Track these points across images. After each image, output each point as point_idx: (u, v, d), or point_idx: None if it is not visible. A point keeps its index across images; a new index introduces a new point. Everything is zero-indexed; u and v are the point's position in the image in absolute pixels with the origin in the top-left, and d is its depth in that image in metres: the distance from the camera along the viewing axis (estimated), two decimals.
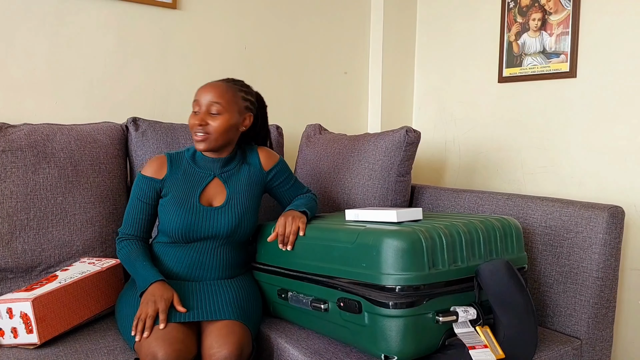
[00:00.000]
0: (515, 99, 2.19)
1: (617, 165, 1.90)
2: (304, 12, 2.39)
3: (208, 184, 1.52)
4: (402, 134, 1.82)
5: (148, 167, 1.52)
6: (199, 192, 1.50)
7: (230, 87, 1.49)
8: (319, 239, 1.37)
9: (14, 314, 1.30)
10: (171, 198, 1.49)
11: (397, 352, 1.19)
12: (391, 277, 1.18)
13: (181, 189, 1.50)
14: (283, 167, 1.63)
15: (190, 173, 1.53)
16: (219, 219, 1.48)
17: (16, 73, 1.81)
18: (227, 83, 1.50)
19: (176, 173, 1.52)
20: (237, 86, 1.51)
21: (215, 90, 1.46)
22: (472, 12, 2.35)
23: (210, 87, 1.47)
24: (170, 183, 1.51)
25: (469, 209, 1.79)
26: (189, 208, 1.47)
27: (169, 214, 1.47)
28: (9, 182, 1.57)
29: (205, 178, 1.52)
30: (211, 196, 1.52)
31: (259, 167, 1.59)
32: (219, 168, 1.54)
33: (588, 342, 1.49)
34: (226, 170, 1.55)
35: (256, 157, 1.60)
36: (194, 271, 1.49)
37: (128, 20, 1.98)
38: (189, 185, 1.51)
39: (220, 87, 1.48)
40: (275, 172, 1.61)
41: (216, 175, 1.54)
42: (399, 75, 2.59)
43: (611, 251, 1.47)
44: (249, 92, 1.55)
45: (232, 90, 1.49)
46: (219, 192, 1.52)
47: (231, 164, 1.56)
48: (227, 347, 1.28)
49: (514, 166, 2.21)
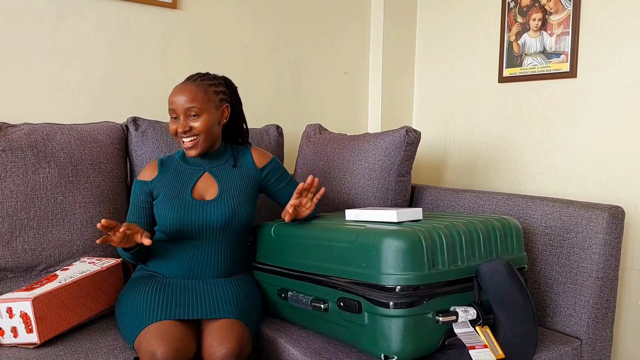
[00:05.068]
0: (515, 99, 2.19)
1: (617, 165, 1.90)
2: (304, 12, 2.39)
3: (199, 179, 1.54)
4: (402, 134, 1.82)
5: (141, 172, 1.58)
6: (191, 187, 1.52)
7: (201, 86, 1.49)
8: (319, 238, 1.37)
9: (13, 314, 1.30)
10: (164, 195, 1.51)
11: (397, 352, 1.20)
12: (391, 277, 1.18)
13: (173, 186, 1.53)
14: (276, 165, 1.63)
15: (181, 171, 1.56)
16: (212, 212, 1.49)
17: (16, 73, 1.81)
18: (195, 83, 1.50)
19: (166, 173, 1.55)
20: (206, 82, 1.51)
21: (188, 94, 1.46)
22: (472, 12, 2.35)
23: (182, 91, 1.47)
24: (161, 183, 1.54)
25: (469, 209, 1.79)
26: (182, 202, 1.49)
27: (162, 210, 1.49)
28: (9, 182, 1.57)
29: (195, 173, 1.55)
30: (203, 190, 1.54)
31: (252, 164, 1.60)
32: (208, 163, 1.57)
33: (588, 342, 1.49)
34: (216, 165, 1.57)
35: (249, 156, 1.62)
36: (193, 268, 1.49)
37: (128, 20, 1.98)
38: (180, 181, 1.53)
39: (192, 89, 1.47)
40: (268, 170, 1.61)
41: (206, 170, 1.56)
42: (399, 75, 2.59)
43: (611, 251, 1.47)
44: (218, 82, 1.55)
45: (203, 88, 1.49)
46: (210, 186, 1.54)
47: (221, 158, 1.58)
48: (227, 346, 1.28)
49: (514, 166, 2.21)
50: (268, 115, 2.34)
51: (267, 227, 1.56)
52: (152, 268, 1.53)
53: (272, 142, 2.04)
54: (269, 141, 2.04)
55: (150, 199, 1.54)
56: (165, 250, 1.51)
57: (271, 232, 1.53)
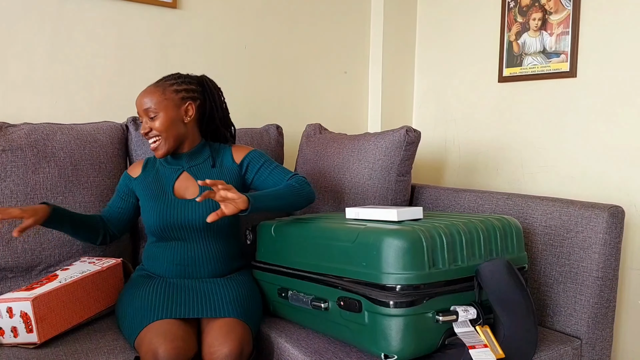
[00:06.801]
0: (515, 99, 2.19)
1: (617, 165, 1.90)
2: (304, 12, 2.39)
3: (178, 178, 1.56)
4: (402, 134, 1.82)
5: (130, 167, 1.64)
6: (171, 186, 1.55)
7: (157, 87, 1.51)
8: (320, 237, 1.37)
9: (14, 313, 1.30)
10: (146, 196, 1.54)
11: (397, 351, 1.19)
12: (391, 276, 1.18)
13: (155, 186, 1.56)
14: (256, 155, 1.61)
15: (162, 171, 1.58)
16: (194, 210, 1.49)
17: (16, 73, 1.81)
18: (156, 84, 1.52)
19: (149, 174, 1.58)
20: (165, 83, 1.52)
21: (145, 97, 1.50)
22: (472, 12, 2.35)
23: (141, 95, 1.51)
24: (142, 184, 1.57)
25: (468, 208, 1.79)
26: (163, 201, 1.51)
27: (146, 211, 1.52)
28: (9, 182, 1.57)
29: (174, 172, 1.57)
30: (183, 190, 1.55)
31: (232, 162, 1.60)
32: (185, 162, 1.58)
33: (588, 342, 1.49)
34: (194, 165, 1.58)
35: (229, 154, 1.62)
36: (186, 268, 1.49)
37: (128, 19, 1.98)
38: (161, 181, 1.56)
39: (150, 91, 1.50)
40: (248, 161, 1.60)
41: (184, 169, 1.57)
42: (399, 75, 2.59)
43: (611, 251, 1.47)
44: (183, 82, 1.55)
45: (159, 89, 1.50)
46: (190, 185, 1.55)
47: (198, 158, 1.59)
48: (228, 345, 1.28)
49: (514, 166, 2.21)
50: (268, 115, 2.34)
51: (267, 225, 1.56)
52: (149, 270, 1.53)
53: (272, 142, 2.04)
54: (269, 141, 2.04)
55: (130, 195, 1.59)
56: (157, 252, 1.52)
57: (271, 231, 1.53)
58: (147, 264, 1.54)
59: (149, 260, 1.54)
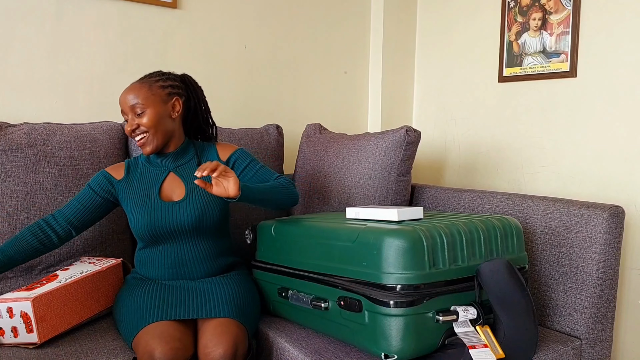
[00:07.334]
0: (515, 99, 2.20)
1: (617, 165, 1.90)
2: (304, 12, 2.39)
3: (164, 180, 1.53)
4: (402, 134, 1.82)
5: (110, 167, 1.57)
6: (157, 188, 1.51)
7: (143, 83, 1.49)
8: (320, 237, 1.37)
9: (14, 313, 1.30)
10: (132, 200, 1.50)
11: (397, 351, 1.19)
12: (392, 276, 1.18)
13: (140, 189, 1.52)
14: (242, 154, 1.60)
15: (146, 174, 1.55)
16: (181, 212, 1.47)
17: (16, 73, 1.81)
18: (140, 81, 1.50)
19: (133, 178, 1.55)
20: (150, 79, 1.51)
21: (131, 93, 1.47)
22: (472, 12, 2.35)
23: (126, 92, 1.48)
24: (127, 189, 1.52)
25: (469, 208, 1.79)
26: (150, 205, 1.48)
27: (133, 217, 1.48)
28: (9, 182, 1.57)
29: (160, 174, 1.54)
30: (170, 191, 1.53)
31: (217, 159, 1.59)
32: (171, 162, 1.55)
33: (588, 341, 1.49)
34: (180, 164, 1.56)
35: (214, 152, 1.60)
36: (178, 270, 1.48)
37: (128, 19, 1.98)
38: (146, 184, 1.53)
39: (135, 87, 1.48)
40: (234, 159, 1.59)
41: (171, 170, 1.55)
42: (399, 75, 2.59)
43: (611, 251, 1.47)
44: (168, 78, 1.54)
45: (146, 85, 1.49)
46: (176, 186, 1.53)
47: (184, 157, 1.57)
48: (222, 346, 1.28)
49: (514, 166, 2.21)
50: (268, 115, 2.34)
51: (267, 225, 1.56)
52: (143, 275, 1.53)
53: (272, 142, 2.04)
54: (269, 141, 2.04)
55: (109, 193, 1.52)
56: (149, 257, 1.51)
57: (271, 231, 1.53)
58: (140, 269, 1.54)
59: (142, 265, 1.53)
